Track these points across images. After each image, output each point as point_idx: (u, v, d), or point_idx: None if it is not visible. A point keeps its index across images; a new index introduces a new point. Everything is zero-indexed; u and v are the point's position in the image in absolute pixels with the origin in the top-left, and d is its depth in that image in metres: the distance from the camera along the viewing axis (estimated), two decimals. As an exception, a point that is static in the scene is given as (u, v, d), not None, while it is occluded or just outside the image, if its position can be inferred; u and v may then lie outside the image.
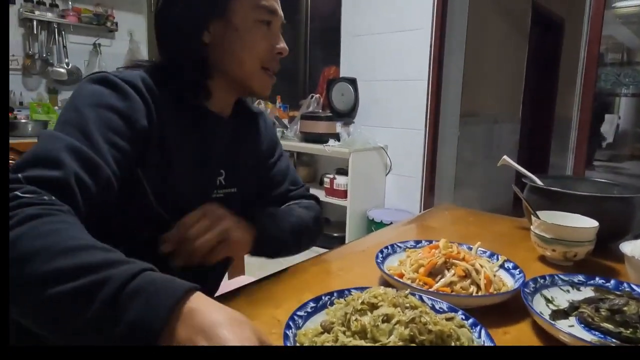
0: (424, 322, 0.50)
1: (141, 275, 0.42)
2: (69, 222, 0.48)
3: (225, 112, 0.82)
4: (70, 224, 0.48)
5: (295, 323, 0.54)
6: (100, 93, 0.65)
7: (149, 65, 0.75)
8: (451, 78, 2.77)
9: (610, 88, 4.73)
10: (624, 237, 0.93)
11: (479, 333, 0.54)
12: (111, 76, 0.66)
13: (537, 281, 0.70)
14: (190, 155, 0.74)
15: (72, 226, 0.48)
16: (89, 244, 0.45)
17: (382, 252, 0.80)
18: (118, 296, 0.40)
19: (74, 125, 0.60)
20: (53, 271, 0.41)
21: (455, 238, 0.82)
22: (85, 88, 0.65)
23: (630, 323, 0.59)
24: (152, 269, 0.45)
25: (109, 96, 0.65)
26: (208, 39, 0.73)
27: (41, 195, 0.50)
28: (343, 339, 0.49)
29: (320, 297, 0.60)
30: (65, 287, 0.40)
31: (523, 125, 4.31)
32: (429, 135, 2.68)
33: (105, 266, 0.42)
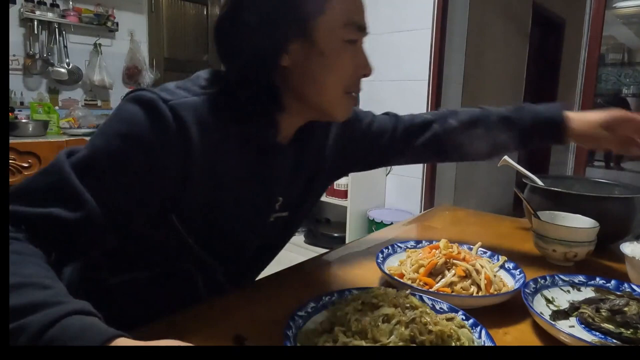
0: (425, 323, 0.50)
1: (60, 323, 0.41)
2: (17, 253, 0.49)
3: (287, 138, 0.72)
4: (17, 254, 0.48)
5: (295, 323, 0.54)
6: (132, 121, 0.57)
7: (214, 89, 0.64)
8: (451, 78, 2.77)
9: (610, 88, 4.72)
10: (625, 237, 0.93)
11: (480, 333, 0.54)
12: (159, 103, 0.58)
13: (538, 281, 0.70)
14: (244, 193, 0.68)
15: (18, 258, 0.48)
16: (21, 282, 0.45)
17: (382, 252, 0.80)
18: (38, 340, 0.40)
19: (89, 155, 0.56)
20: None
21: (455, 238, 0.82)
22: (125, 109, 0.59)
23: (631, 323, 0.59)
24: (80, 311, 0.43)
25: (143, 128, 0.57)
26: (287, 62, 0.62)
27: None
28: (343, 339, 0.49)
29: (320, 297, 0.60)
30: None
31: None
32: (429, 136, 2.67)
33: (28, 311, 0.42)
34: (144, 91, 0.59)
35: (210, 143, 0.61)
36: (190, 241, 0.66)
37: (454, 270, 0.70)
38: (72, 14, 3.08)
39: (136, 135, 0.57)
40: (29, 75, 2.99)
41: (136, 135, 0.57)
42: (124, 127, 0.57)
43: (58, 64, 3.09)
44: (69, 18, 3.05)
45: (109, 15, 3.26)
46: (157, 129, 0.57)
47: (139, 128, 0.57)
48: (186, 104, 0.59)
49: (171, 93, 0.60)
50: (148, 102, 0.58)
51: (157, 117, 0.57)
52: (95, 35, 3.24)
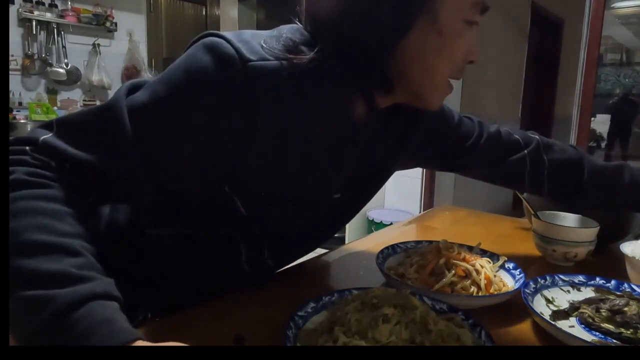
0: (425, 323, 0.49)
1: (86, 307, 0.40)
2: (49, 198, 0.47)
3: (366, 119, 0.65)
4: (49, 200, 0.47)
5: (295, 323, 0.54)
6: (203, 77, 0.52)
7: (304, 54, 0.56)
8: (451, 78, 2.77)
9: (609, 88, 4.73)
10: (625, 237, 0.93)
11: (479, 333, 0.54)
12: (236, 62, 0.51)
13: (538, 281, 0.70)
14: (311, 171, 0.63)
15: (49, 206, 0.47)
16: (50, 243, 0.44)
17: (382, 253, 0.80)
18: (61, 318, 0.40)
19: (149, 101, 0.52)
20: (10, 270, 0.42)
21: (455, 238, 0.82)
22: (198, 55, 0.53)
23: (631, 323, 0.58)
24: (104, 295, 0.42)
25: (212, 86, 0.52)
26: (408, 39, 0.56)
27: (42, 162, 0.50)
28: (343, 339, 0.48)
29: (320, 298, 0.60)
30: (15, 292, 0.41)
31: (522, 126, 4.31)
32: (428, 136, 2.67)
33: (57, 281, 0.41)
34: (223, 41, 0.52)
35: (285, 116, 0.55)
36: (243, 211, 0.62)
37: (454, 270, 0.70)
38: (71, 14, 3.07)
39: (203, 92, 0.52)
40: (28, 76, 2.99)
41: (203, 91, 0.52)
42: (192, 80, 0.52)
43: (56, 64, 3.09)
44: (67, 18, 3.05)
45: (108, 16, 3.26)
46: (227, 91, 0.52)
47: (207, 85, 0.52)
48: (267, 68, 0.53)
49: (253, 50, 0.53)
50: (225, 57, 0.51)
51: (230, 78, 0.52)
52: (94, 35, 3.24)
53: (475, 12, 0.58)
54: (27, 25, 2.90)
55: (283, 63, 0.54)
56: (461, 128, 0.82)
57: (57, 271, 0.42)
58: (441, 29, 0.56)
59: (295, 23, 0.62)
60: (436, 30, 0.56)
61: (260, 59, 0.53)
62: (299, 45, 0.57)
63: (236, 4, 4.11)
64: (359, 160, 0.69)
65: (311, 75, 0.56)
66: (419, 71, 0.59)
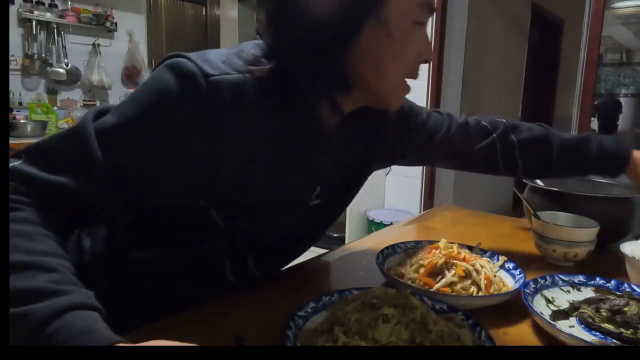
0: (425, 323, 0.49)
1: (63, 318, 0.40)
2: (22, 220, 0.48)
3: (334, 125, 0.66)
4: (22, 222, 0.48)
5: (295, 323, 0.54)
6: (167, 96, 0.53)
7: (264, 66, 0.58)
8: (451, 78, 2.77)
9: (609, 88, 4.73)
10: (625, 237, 0.93)
11: (479, 333, 0.54)
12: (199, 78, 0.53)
13: (538, 281, 0.70)
14: (282, 181, 0.64)
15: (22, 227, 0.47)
16: (25, 262, 0.44)
17: (382, 253, 0.80)
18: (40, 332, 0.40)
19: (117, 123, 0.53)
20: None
21: (455, 238, 0.82)
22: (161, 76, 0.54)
23: (631, 324, 0.58)
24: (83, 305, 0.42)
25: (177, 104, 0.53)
26: (357, 43, 0.58)
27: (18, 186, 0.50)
28: (343, 339, 0.48)
29: (320, 298, 0.60)
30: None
31: (522, 126, 4.31)
32: (428, 136, 2.67)
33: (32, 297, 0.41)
34: (185, 60, 0.54)
35: (251, 127, 0.57)
36: (221, 224, 0.62)
37: (454, 270, 0.70)
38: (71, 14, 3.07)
39: (169, 110, 0.53)
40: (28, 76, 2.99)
41: (168, 109, 0.53)
42: (157, 99, 0.54)
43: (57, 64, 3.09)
44: (67, 18, 3.05)
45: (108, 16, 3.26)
46: (192, 106, 0.54)
47: (173, 102, 0.53)
48: (228, 82, 0.54)
49: (214, 66, 0.55)
50: (187, 74, 0.53)
51: (195, 94, 0.53)
52: (94, 35, 3.24)
53: (423, 13, 0.60)
54: (27, 25, 2.90)
55: (245, 75, 0.56)
56: (430, 122, 0.85)
57: (33, 287, 0.42)
58: (390, 31, 0.58)
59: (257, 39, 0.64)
60: (386, 32, 0.58)
61: (222, 73, 0.55)
62: (260, 58, 0.59)
63: (236, 4, 4.11)
64: (334, 166, 0.71)
65: (274, 85, 0.57)
66: (374, 72, 0.61)
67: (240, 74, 0.56)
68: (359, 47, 0.58)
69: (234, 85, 0.55)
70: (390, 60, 0.60)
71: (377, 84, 0.62)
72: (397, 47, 0.59)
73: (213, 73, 0.54)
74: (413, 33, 0.60)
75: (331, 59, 0.58)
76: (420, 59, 0.63)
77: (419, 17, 0.59)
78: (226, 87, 0.54)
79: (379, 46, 0.58)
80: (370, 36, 0.57)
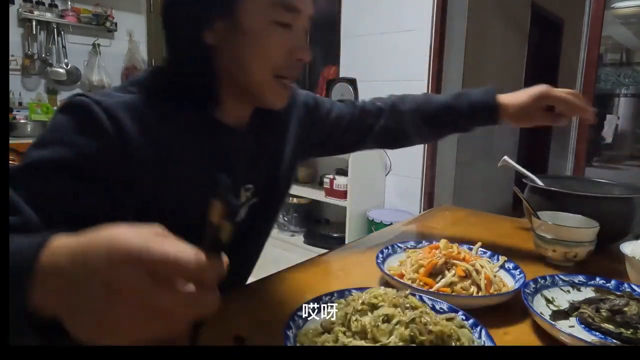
0: (425, 323, 0.49)
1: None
2: None
3: (241, 123, 0.71)
4: None
5: (295, 323, 0.54)
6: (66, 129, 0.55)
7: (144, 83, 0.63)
8: (451, 78, 2.76)
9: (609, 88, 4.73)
10: (625, 237, 0.93)
11: (479, 333, 0.54)
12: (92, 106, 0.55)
13: (538, 281, 0.70)
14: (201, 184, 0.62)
15: None
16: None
17: (382, 253, 0.80)
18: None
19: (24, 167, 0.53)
20: None
21: (455, 238, 0.82)
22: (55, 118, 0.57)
23: (631, 324, 0.58)
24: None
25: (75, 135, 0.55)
26: (212, 40, 0.62)
27: None
28: (343, 339, 0.48)
29: (320, 298, 0.60)
30: None
31: (522, 126, 4.31)
32: (428, 136, 2.67)
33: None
34: (76, 97, 0.57)
35: (154, 139, 0.59)
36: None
37: (454, 270, 0.70)
38: (71, 14, 3.07)
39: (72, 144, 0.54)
40: (28, 76, 2.99)
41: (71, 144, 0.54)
42: (58, 137, 0.55)
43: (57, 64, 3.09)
44: (67, 18, 3.05)
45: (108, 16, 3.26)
46: (93, 134, 0.55)
47: (74, 137, 0.54)
48: (120, 103, 0.57)
49: (106, 95, 0.58)
50: (79, 107, 0.56)
51: (92, 122, 0.55)
52: (94, 35, 3.24)
53: (280, 12, 0.61)
54: (27, 25, 2.90)
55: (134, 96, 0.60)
56: (332, 114, 0.91)
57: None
58: (245, 30, 0.61)
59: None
60: (242, 31, 0.61)
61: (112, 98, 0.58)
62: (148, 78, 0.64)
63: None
64: (253, 164, 0.74)
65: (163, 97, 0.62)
66: (237, 70, 0.64)
67: (131, 94, 0.60)
68: (220, 48, 0.62)
69: (126, 105, 0.58)
70: (249, 58, 0.62)
71: (245, 81, 0.64)
72: (253, 45, 0.61)
73: (104, 100, 0.57)
74: (272, 32, 0.62)
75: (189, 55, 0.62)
76: (292, 58, 0.64)
77: (276, 17, 0.61)
78: (120, 108, 0.57)
79: (236, 45, 0.62)
80: (227, 35, 0.61)
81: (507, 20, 3.67)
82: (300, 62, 0.66)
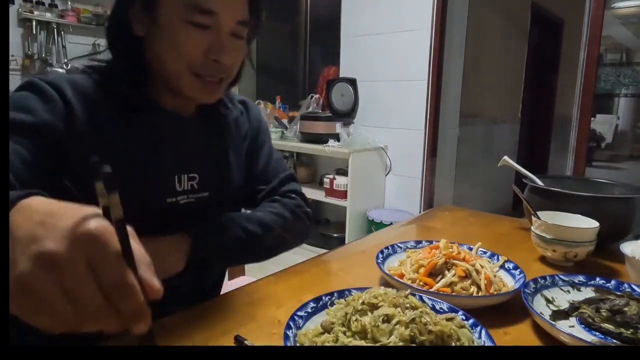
0: (425, 323, 0.49)
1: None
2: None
3: (186, 110, 0.77)
4: None
5: (295, 323, 0.54)
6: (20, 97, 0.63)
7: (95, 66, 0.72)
8: (451, 78, 2.77)
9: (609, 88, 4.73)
10: (625, 237, 0.93)
11: (480, 333, 0.54)
12: (37, 80, 0.65)
13: (538, 281, 0.70)
14: (136, 160, 0.69)
15: None
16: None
17: (382, 253, 0.80)
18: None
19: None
20: None
21: (455, 238, 0.82)
22: (14, 98, 0.64)
23: (631, 324, 0.58)
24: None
25: (29, 99, 0.63)
26: (141, 32, 0.68)
27: None
28: (343, 339, 0.48)
29: (320, 298, 0.60)
30: None
31: (523, 126, 4.31)
32: (429, 136, 2.68)
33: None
34: (28, 80, 0.66)
35: (94, 115, 0.65)
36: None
37: (454, 270, 0.70)
38: (71, 14, 3.07)
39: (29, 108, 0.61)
40: (28, 76, 2.99)
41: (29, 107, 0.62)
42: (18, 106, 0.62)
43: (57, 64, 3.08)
44: (67, 18, 3.05)
45: (108, 16, 3.26)
46: (44, 101, 0.63)
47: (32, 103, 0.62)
48: (64, 80, 0.65)
49: (53, 74, 0.68)
50: (30, 84, 0.64)
51: (42, 92, 0.63)
52: (93, 35, 3.24)
53: (194, 14, 0.64)
54: (27, 25, 2.89)
55: (78, 75, 0.68)
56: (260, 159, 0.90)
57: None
58: (161, 25, 0.66)
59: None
60: (159, 25, 0.66)
61: (60, 75, 0.67)
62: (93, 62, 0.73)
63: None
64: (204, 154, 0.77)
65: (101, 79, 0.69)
66: (156, 62, 0.69)
67: (82, 73, 0.69)
68: (148, 39, 0.68)
69: (69, 81, 0.66)
70: (164, 52, 0.67)
71: (162, 73, 0.69)
72: (167, 41, 0.66)
73: (51, 78, 0.65)
74: (187, 31, 0.65)
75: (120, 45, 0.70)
76: (207, 58, 0.67)
77: (190, 17, 0.64)
78: (63, 83, 0.65)
79: (154, 36, 0.67)
80: (149, 27, 0.67)
81: (507, 20, 3.66)
82: (217, 63, 0.68)
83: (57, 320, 0.30)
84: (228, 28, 0.68)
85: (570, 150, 2.40)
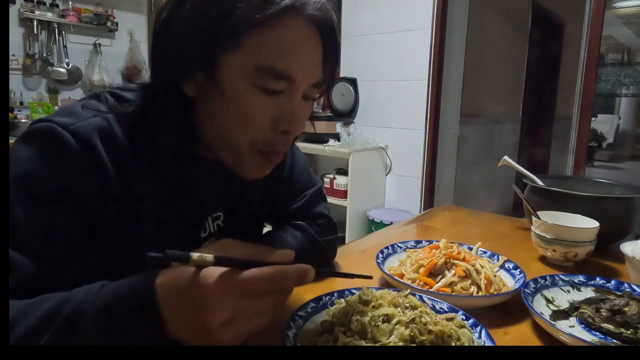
0: (424, 322, 0.50)
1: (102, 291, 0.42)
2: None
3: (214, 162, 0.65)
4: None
5: (295, 323, 0.54)
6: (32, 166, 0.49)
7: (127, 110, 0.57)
8: (451, 78, 2.76)
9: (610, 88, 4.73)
10: (625, 237, 0.93)
11: (480, 333, 0.54)
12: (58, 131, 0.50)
13: (538, 281, 0.70)
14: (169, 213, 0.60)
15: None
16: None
17: (382, 252, 0.80)
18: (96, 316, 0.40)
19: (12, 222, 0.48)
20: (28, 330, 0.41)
21: (455, 238, 0.82)
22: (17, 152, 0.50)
23: (631, 323, 0.59)
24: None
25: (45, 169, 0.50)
26: (192, 92, 0.55)
27: None
28: (343, 339, 0.49)
29: (320, 297, 0.60)
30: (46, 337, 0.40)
31: (523, 126, 4.31)
32: (429, 135, 2.68)
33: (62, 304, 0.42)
34: (37, 123, 0.52)
35: (125, 165, 0.54)
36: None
37: (454, 270, 0.70)
38: (72, 14, 3.07)
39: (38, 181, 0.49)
40: (29, 75, 2.99)
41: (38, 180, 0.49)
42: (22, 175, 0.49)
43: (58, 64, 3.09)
44: (68, 18, 3.05)
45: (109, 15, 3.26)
46: (59, 162, 0.50)
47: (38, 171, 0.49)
48: (90, 126, 0.52)
49: (73, 115, 0.53)
50: (43, 134, 0.50)
51: (58, 150, 0.50)
52: (94, 35, 3.24)
53: (266, 79, 0.51)
54: (28, 24, 2.90)
55: (104, 118, 0.54)
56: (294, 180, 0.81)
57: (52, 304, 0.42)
58: (223, 91, 0.52)
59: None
60: (219, 91, 0.53)
61: (81, 119, 0.52)
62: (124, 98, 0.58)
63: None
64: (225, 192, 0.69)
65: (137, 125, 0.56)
66: (212, 132, 0.57)
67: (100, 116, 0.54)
68: (201, 100, 0.55)
69: (96, 127, 0.53)
70: (225, 123, 0.54)
71: (217, 145, 0.57)
72: (231, 110, 0.53)
73: (72, 122, 0.51)
74: (254, 98, 0.52)
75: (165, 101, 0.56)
76: (276, 130, 0.55)
77: (260, 83, 0.52)
78: (90, 131, 0.52)
79: (213, 104, 0.54)
80: (206, 90, 0.54)
81: (508, 20, 3.66)
82: (285, 134, 0.56)
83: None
84: (301, 92, 0.55)
85: (571, 150, 2.40)
